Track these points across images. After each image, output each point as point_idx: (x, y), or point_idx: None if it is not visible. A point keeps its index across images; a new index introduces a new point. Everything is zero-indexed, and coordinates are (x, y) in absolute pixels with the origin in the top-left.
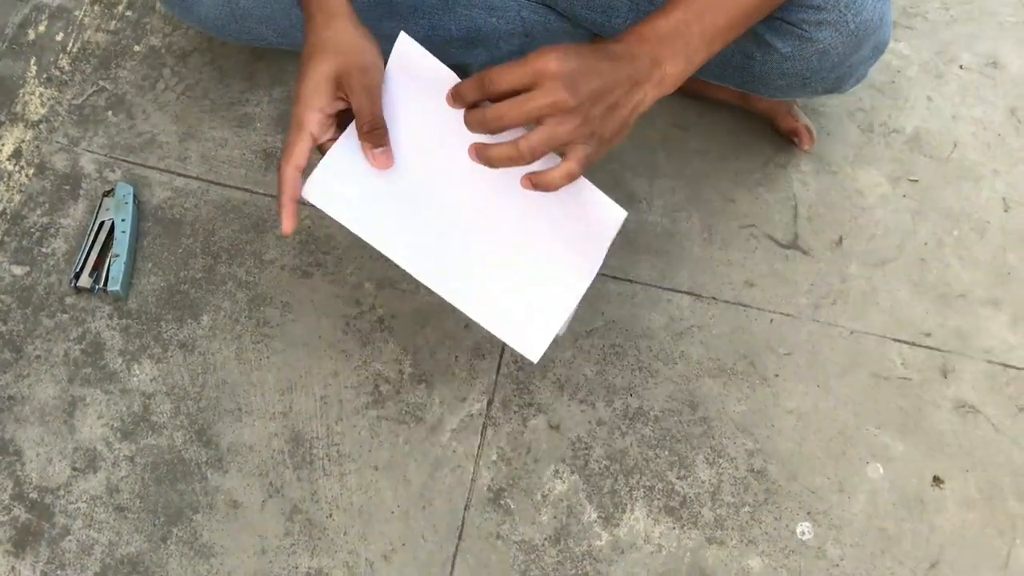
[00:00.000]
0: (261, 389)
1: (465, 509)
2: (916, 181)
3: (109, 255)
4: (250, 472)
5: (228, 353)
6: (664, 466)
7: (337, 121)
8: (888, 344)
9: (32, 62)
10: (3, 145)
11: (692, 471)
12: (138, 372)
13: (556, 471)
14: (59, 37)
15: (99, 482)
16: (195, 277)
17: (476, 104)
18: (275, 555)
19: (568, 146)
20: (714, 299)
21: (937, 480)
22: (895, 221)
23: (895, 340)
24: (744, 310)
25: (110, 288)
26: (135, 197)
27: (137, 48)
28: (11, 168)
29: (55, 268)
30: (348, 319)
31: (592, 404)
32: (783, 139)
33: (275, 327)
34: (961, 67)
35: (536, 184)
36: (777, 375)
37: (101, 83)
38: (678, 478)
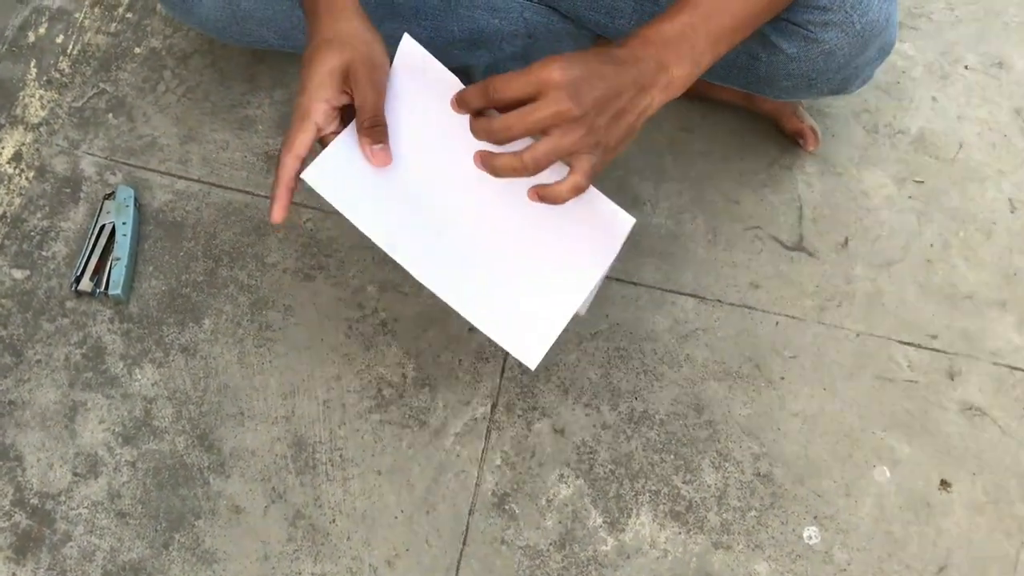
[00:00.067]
0: (263, 393)
1: (469, 514)
2: (921, 182)
3: (110, 258)
4: (252, 477)
5: (230, 357)
6: (670, 470)
7: (340, 115)
8: (894, 346)
9: (32, 64)
10: (3, 148)
11: (698, 475)
12: (139, 376)
13: (561, 475)
14: (59, 39)
15: (100, 487)
16: (196, 280)
17: (480, 110)
18: (278, 561)
19: (574, 156)
20: (719, 301)
21: (944, 483)
22: (901, 222)
23: (901, 342)
24: (749, 312)
25: (111, 292)
26: (136, 200)
27: (138, 50)
28: (11, 171)
29: (55, 272)
30: (351, 322)
31: (597, 408)
32: (788, 140)
33: (277, 331)
34: (966, 68)
35: (543, 197)
36: (783, 378)
37: (101, 85)
38: (684, 482)
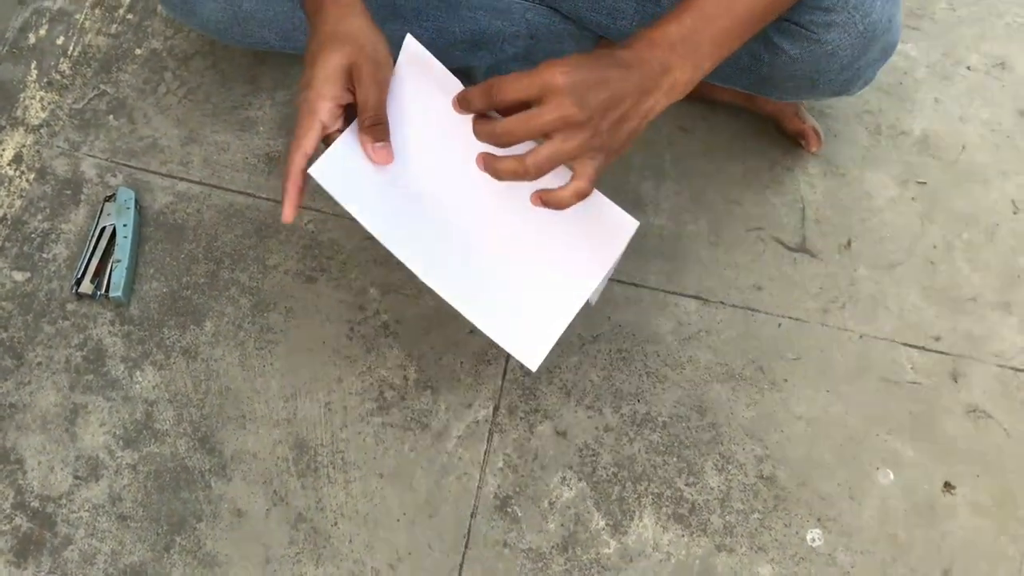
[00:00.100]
0: (265, 396)
1: (471, 517)
2: (924, 183)
3: (111, 261)
4: (254, 480)
5: (231, 359)
6: (672, 473)
7: (345, 113)
8: (898, 348)
9: (33, 66)
10: (4, 150)
11: (701, 478)
12: (140, 379)
13: (563, 478)
14: (60, 41)
15: (101, 491)
16: (198, 283)
17: (482, 111)
18: (280, 564)
19: (577, 160)
20: (722, 303)
21: (948, 486)
22: (904, 224)
23: (905, 344)
24: (752, 314)
25: (112, 294)
26: (137, 202)
27: (138, 51)
28: (12, 173)
29: (56, 274)
30: (353, 324)
31: (599, 410)
32: (790, 141)
33: (279, 333)
34: (969, 68)
35: (545, 202)
36: (786, 380)
37: (102, 87)
38: (687, 485)
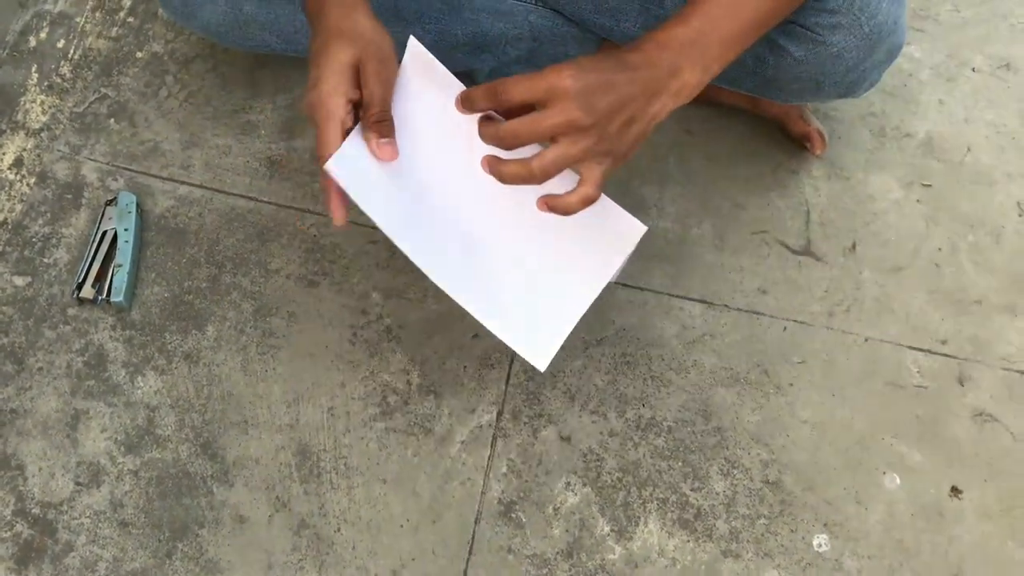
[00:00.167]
0: (267, 401)
1: (475, 523)
2: (929, 186)
3: (112, 265)
4: (256, 486)
5: (233, 364)
6: (678, 477)
7: (353, 110)
8: (904, 352)
9: (33, 69)
10: (4, 154)
11: (706, 483)
12: (142, 384)
13: (568, 483)
14: (60, 44)
15: (103, 497)
16: (199, 287)
17: (486, 111)
18: (282, 570)
19: (583, 164)
20: (726, 307)
21: (955, 490)
22: (909, 226)
23: (911, 348)
24: (757, 318)
25: (113, 299)
26: (138, 206)
27: (139, 55)
28: (12, 177)
29: (57, 279)
30: (355, 329)
31: (603, 415)
32: (794, 144)
33: (281, 337)
34: (973, 70)
35: (552, 208)
36: (791, 384)
37: (103, 90)
38: (692, 490)
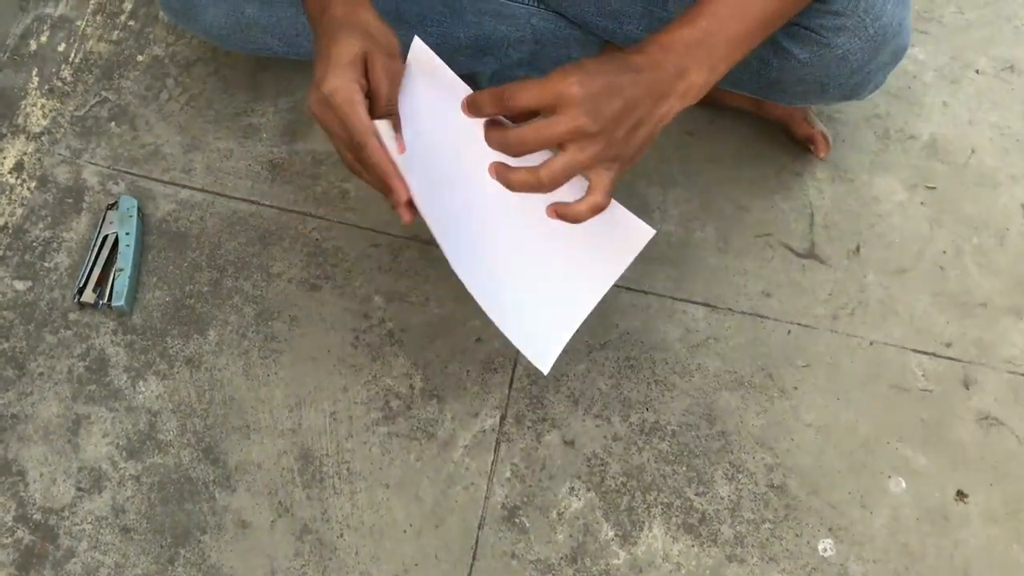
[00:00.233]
0: (269, 405)
1: (479, 528)
2: (933, 188)
3: (113, 269)
4: (259, 491)
5: (235, 369)
6: (682, 482)
7: None
8: (908, 355)
9: (34, 73)
10: (5, 158)
11: (711, 487)
12: (143, 389)
13: (571, 488)
14: (61, 47)
15: (104, 502)
16: (201, 291)
17: (492, 116)
18: None
19: (592, 171)
20: (730, 310)
21: (961, 494)
22: (913, 229)
23: (915, 351)
24: (761, 321)
25: (114, 303)
26: (139, 210)
27: (140, 58)
28: (13, 181)
29: (58, 283)
30: (357, 333)
31: (607, 419)
32: (798, 146)
33: (283, 342)
34: (977, 72)
35: (561, 216)
36: (796, 387)
37: (104, 94)
38: (696, 494)
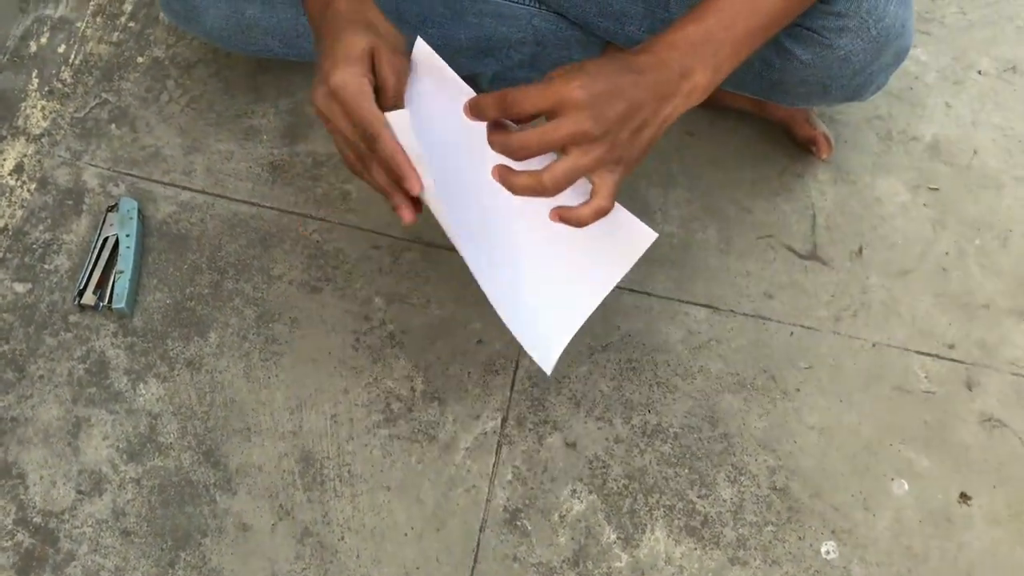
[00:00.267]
0: (270, 408)
1: (480, 530)
2: (936, 189)
3: (113, 271)
4: (259, 494)
5: (236, 371)
6: (684, 484)
7: None
8: (911, 357)
9: (34, 75)
10: (4, 160)
11: (713, 489)
12: (144, 391)
13: (573, 490)
14: (61, 49)
15: (105, 505)
16: (201, 293)
17: (495, 120)
18: None
19: (595, 174)
20: (732, 312)
21: (964, 496)
22: (915, 230)
23: (918, 352)
24: (763, 323)
25: (115, 305)
26: (139, 212)
27: (140, 60)
28: (13, 183)
29: (58, 285)
30: (358, 335)
31: (609, 421)
32: (800, 148)
33: (284, 344)
34: (980, 73)
35: (565, 220)
36: (798, 389)
37: (104, 95)
38: (699, 497)
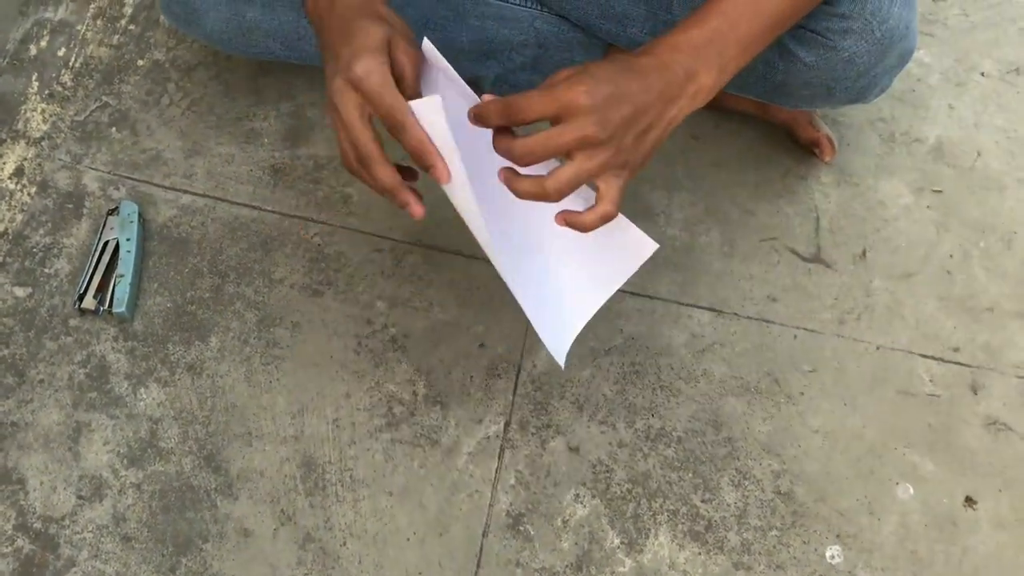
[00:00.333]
0: (271, 412)
1: (483, 536)
2: (940, 191)
3: (114, 275)
4: (261, 499)
5: (237, 375)
6: (688, 489)
7: None
8: (915, 360)
9: (34, 78)
10: (4, 163)
11: (717, 494)
12: (145, 396)
13: (576, 495)
14: (61, 52)
15: (105, 511)
16: (202, 297)
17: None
18: None
19: (601, 179)
20: (736, 315)
21: (969, 500)
22: (919, 233)
23: (922, 356)
24: (767, 326)
25: (115, 310)
26: (140, 215)
27: (141, 62)
28: (13, 187)
29: (58, 289)
30: (360, 339)
31: (612, 425)
32: (803, 150)
33: (285, 348)
34: (983, 74)
35: (570, 224)
36: (802, 393)
37: (104, 99)
38: (703, 501)
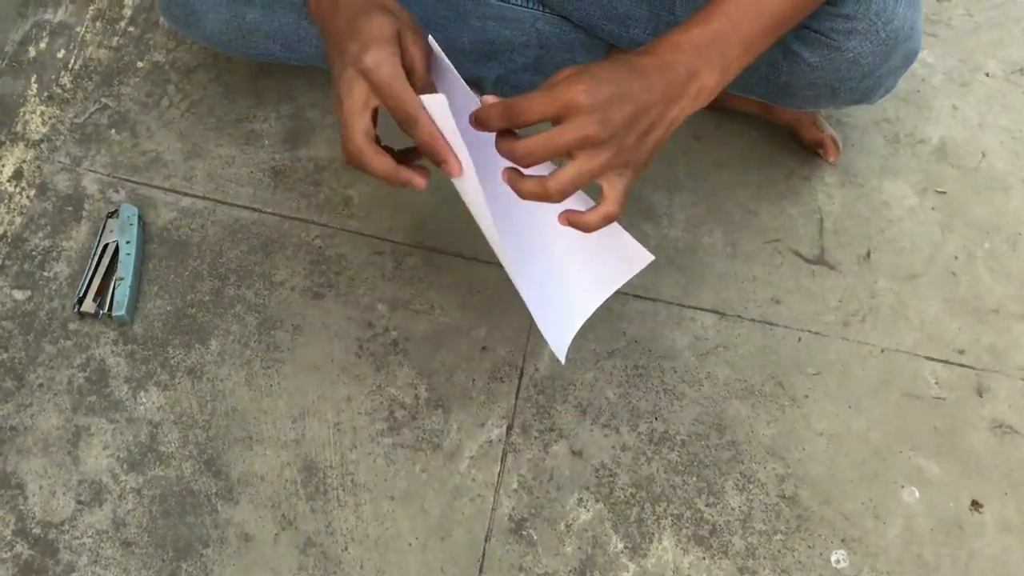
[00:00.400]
0: (272, 416)
1: (486, 540)
2: (944, 192)
3: (113, 278)
4: (262, 503)
5: (237, 379)
6: (692, 493)
7: None
8: (920, 362)
9: (33, 80)
10: (3, 166)
11: (721, 498)
12: (144, 400)
13: (580, 499)
14: (60, 54)
15: (105, 516)
16: (202, 300)
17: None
18: None
19: (603, 179)
20: (739, 317)
21: (975, 504)
22: (924, 234)
23: (928, 358)
24: (771, 328)
25: (115, 313)
26: (140, 218)
27: (140, 64)
28: (12, 189)
29: (58, 292)
30: (361, 342)
31: (616, 428)
32: (806, 151)
33: (286, 351)
34: (987, 75)
35: (573, 224)
36: (807, 396)
37: (103, 100)
38: (707, 505)
